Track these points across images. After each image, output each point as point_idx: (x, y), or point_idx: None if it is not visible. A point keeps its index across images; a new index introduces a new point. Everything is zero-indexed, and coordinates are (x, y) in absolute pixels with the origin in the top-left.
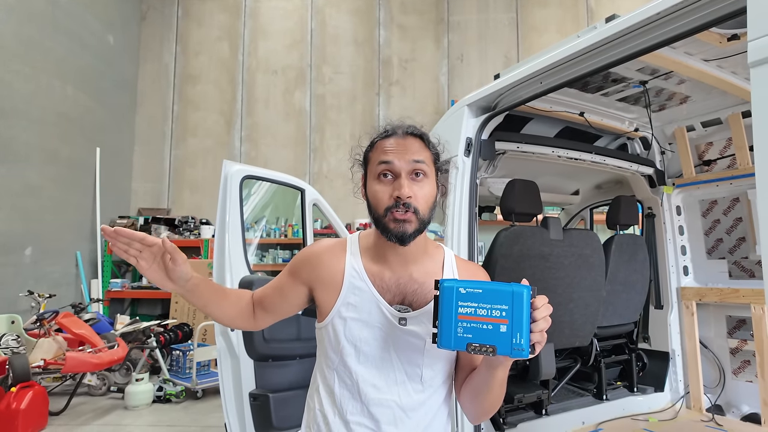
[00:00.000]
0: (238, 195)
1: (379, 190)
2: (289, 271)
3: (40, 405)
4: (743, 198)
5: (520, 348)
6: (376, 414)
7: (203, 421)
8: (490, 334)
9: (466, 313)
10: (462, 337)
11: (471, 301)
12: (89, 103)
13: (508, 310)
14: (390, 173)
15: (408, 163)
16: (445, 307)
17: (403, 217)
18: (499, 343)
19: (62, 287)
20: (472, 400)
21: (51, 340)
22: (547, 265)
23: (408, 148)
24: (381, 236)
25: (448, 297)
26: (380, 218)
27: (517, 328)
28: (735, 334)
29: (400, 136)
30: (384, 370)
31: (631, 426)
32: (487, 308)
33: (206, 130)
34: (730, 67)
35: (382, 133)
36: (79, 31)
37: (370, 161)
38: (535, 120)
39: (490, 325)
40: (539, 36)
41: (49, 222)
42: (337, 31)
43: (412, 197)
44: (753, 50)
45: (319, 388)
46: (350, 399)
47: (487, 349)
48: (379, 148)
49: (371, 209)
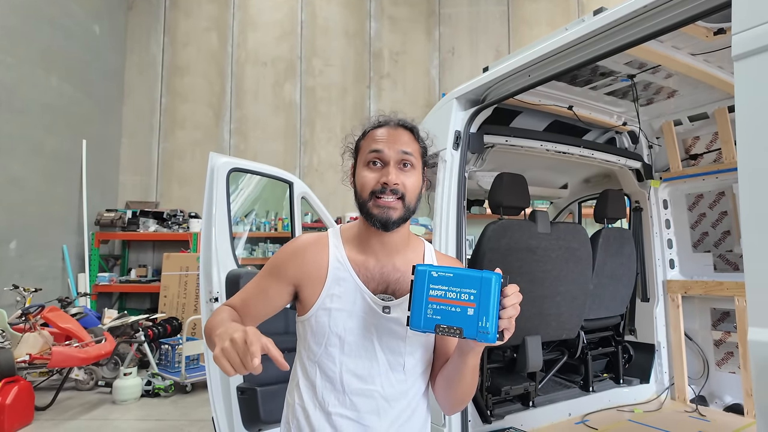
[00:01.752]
0: (225, 188)
1: (367, 175)
2: (270, 272)
3: (26, 400)
4: (728, 192)
5: (486, 331)
6: (358, 404)
7: (192, 414)
8: (457, 316)
9: (437, 295)
10: (431, 318)
11: (442, 284)
12: (75, 94)
13: (476, 295)
14: (379, 161)
15: (397, 152)
16: (417, 289)
17: (389, 203)
18: (466, 326)
19: (48, 281)
20: (446, 388)
21: (36, 334)
22: (535, 258)
23: (398, 138)
24: (366, 224)
25: (420, 279)
26: (365, 203)
27: (483, 312)
28: (719, 326)
29: (391, 127)
30: (368, 360)
31: (617, 417)
32: (457, 292)
33: (195, 122)
34: (716, 61)
35: (374, 124)
36: (64, 20)
37: (360, 149)
38: (524, 113)
39: (458, 308)
40: (530, 29)
41: (34, 215)
42: (327, 23)
43: (399, 184)
44: (737, 43)
45: (299, 383)
46: (332, 390)
47: (454, 330)
48: (371, 137)
49: (357, 194)
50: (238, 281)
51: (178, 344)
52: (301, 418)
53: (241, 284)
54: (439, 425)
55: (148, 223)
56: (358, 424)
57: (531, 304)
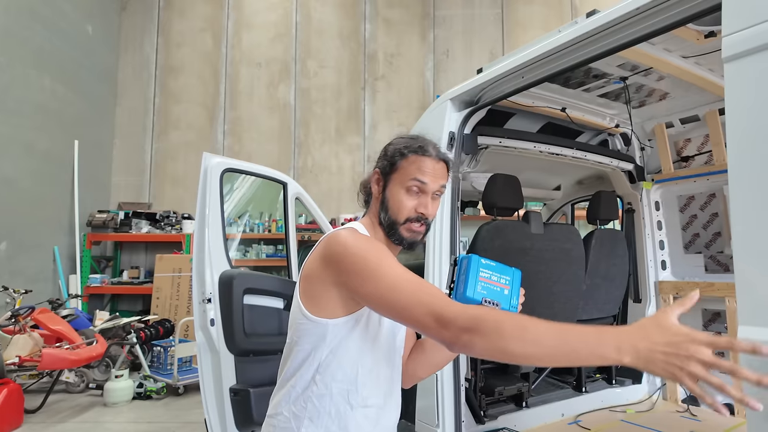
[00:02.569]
0: (219, 188)
1: (405, 200)
2: (387, 251)
3: (15, 403)
4: (719, 194)
5: (515, 307)
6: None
7: (184, 417)
8: (497, 293)
9: (485, 276)
10: (479, 291)
11: (488, 270)
12: (67, 94)
13: (509, 281)
14: (419, 189)
15: (437, 187)
16: (472, 270)
17: (419, 230)
18: (502, 301)
19: (39, 283)
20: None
21: (26, 336)
22: (528, 259)
23: (438, 173)
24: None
25: (474, 263)
26: (396, 224)
27: (515, 292)
28: (710, 326)
29: (435, 160)
30: (392, 352)
31: (609, 417)
32: (498, 276)
33: (188, 123)
34: (707, 64)
35: (418, 148)
36: (57, 20)
37: (400, 169)
38: (517, 115)
39: (497, 288)
40: (524, 32)
41: (25, 216)
42: (321, 24)
43: (431, 216)
44: (727, 46)
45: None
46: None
47: (494, 304)
48: (415, 164)
49: (389, 212)
50: (231, 282)
51: (171, 346)
52: (330, 424)
53: (234, 285)
54: (433, 426)
55: (140, 225)
56: (380, 410)
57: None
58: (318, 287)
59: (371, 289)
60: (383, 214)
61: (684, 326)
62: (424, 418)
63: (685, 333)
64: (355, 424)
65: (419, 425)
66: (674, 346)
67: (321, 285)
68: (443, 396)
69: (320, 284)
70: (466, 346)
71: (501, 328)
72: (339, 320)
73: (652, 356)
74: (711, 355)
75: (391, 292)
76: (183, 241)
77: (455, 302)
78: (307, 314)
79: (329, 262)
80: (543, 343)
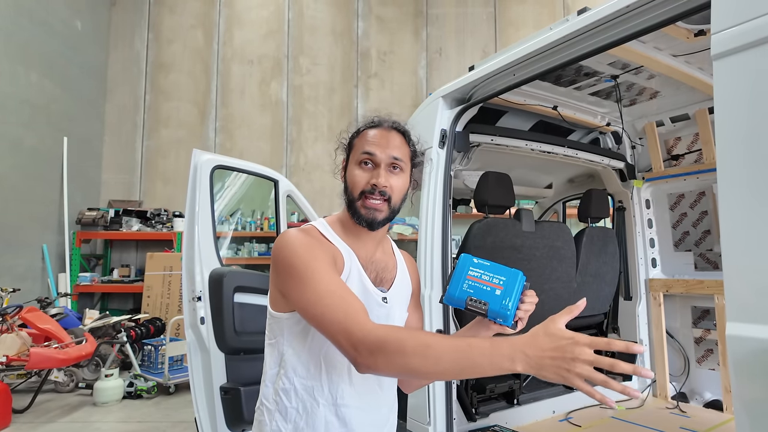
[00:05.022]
0: (209, 185)
1: (358, 174)
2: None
3: (3, 403)
4: (709, 192)
5: (507, 308)
6: (361, 392)
7: (175, 416)
8: (487, 294)
9: (474, 275)
10: (465, 291)
11: (480, 269)
12: (55, 90)
13: (504, 282)
14: (371, 162)
15: (388, 156)
16: (459, 269)
17: (376, 206)
18: (492, 302)
19: (27, 281)
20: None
21: (14, 335)
22: (519, 256)
23: (390, 142)
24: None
25: (464, 262)
26: (354, 201)
27: (508, 294)
28: (699, 324)
29: (385, 129)
30: None
31: (600, 414)
32: (490, 276)
33: (179, 120)
34: (697, 62)
35: (369, 123)
36: (44, 15)
37: (354, 147)
38: (509, 113)
39: (488, 287)
40: (516, 31)
41: (12, 213)
42: (314, 21)
43: (387, 187)
44: (716, 43)
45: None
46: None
47: (482, 304)
48: (364, 137)
49: (347, 191)
50: (221, 280)
51: (162, 345)
52: (299, 420)
53: (224, 282)
54: (424, 423)
55: (131, 223)
56: (360, 411)
57: None
58: (271, 283)
59: (297, 297)
60: (345, 196)
61: (568, 331)
62: (415, 416)
63: (568, 337)
64: (323, 422)
65: (411, 423)
66: (560, 350)
67: (272, 281)
68: (434, 394)
69: (272, 280)
70: (370, 367)
71: (403, 347)
72: (291, 315)
73: (541, 362)
74: (592, 354)
75: (313, 305)
76: (174, 240)
77: (367, 323)
78: (269, 309)
79: (272, 261)
80: (445, 358)
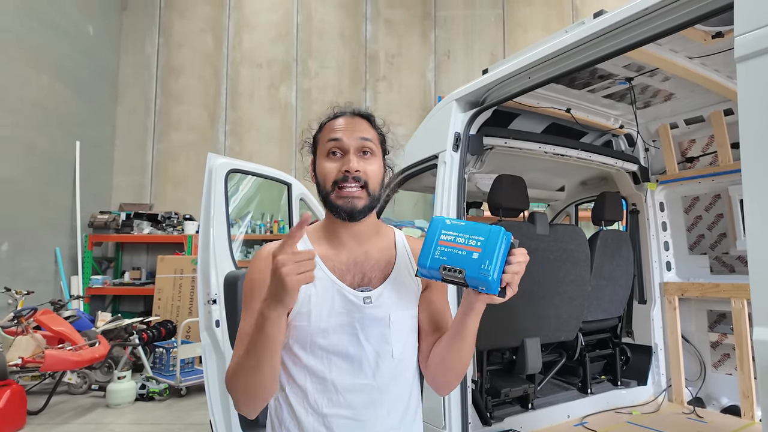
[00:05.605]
0: (223, 189)
1: (328, 166)
2: (256, 294)
3: (18, 404)
4: (724, 194)
5: (487, 273)
6: (352, 401)
7: (187, 418)
8: (462, 258)
9: (447, 239)
10: (438, 258)
11: (453, 231)
12: (67, 94)
13: (483, 242)
14: (339, 150)
15: (356, 140)
16: (430, 234)
17: (353, 193)
18: (469, 268)
19: (40, 284)
20: (443, 359)
21: (29, 337)
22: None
23: (356, 126)
24: (332, 218)
25: (434, 226)
26: (328, 194)
27: (487, 256)
28: (715, 328)
29: (348, 116)
30: (356, 355)
31: (615, 419)
32: (466, 237)
33: (189, 124)
34: (713, 64)
35: (330, 115)
36: (57, 19)
37: (319, 142)
38: (522, 116)
39: (464, 251)
40: (525, 33)
41: (26, 217)
42: (323, 25)
43: (361, 171)
44: (739, 45)
45: (286, 389)
46: (324, 392)
47: (457, 272)
48: (328, 128)
49: (320, 187)
50: (236, 283)
51: (173, 347)
52: (291, 426)
53: (239, 285)
54: (440, 427)
55: (142, 226)
56: (354, 421)
57: (530, 305)
58: None
59: None
60: (319, 195)
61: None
62: (430, 420)
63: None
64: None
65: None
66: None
67: None
68: (450, 397)
69: None
70: None
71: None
72: None
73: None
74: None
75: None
76: (184, 242)
77: None
78: None
79: None
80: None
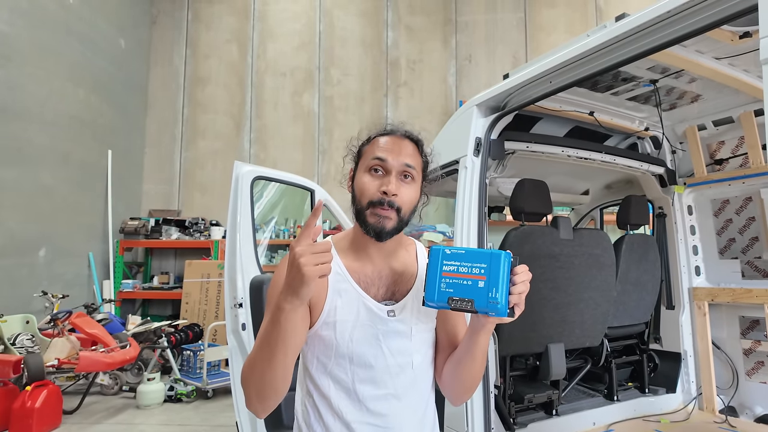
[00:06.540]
0: (249, 195)
1: (368, 182)
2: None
3: (54, 404)
4: (756, 197)
5: (496, 301)
6: (375, 409)
7: (213, 420)
8: (469, 289)
9: (450, 270)
10: (445, 291)
11: (454, 260)
12: (101, 106)
13: (486, 269)
14: (381, 169)
15: (400, 164)
16: (431, 267)
17: (385, 213)
18: (477, 297)
19: (75, 288)
20: (454, 375)
21: (65, 339)
22: (557, 264)
23: (402, 150)
24: (360, 231)
25: (434, 257)
26: (362, 210)
27: (493, 283)
28: (748, 334)
29: (397, 137)
30: (378, 366)
31: (643, 427)
32: (468, 266)
33: (215, 132)
34: (742, 65)
35: (381, 131)
36: (91, 35)
37: (364, 155)
38: (544, 120)
39: (469, 281)
40: (547, 36)
41: (62, 223)
42: (344, 32)
43: (397, 196)
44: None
45: (312, 395)
46: (348, 400)
47: (466, 302)
48: (375, 144)
49: (355, 200)
50: (261, 287)
51: (200, 350)
52: (319, 430)
53: (264, 289)
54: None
55: (170, 231)
56: (377, 427)
57: (554, 311)
58: None
59: None
60: (353, 206)
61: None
62: (453, 425)
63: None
64: None
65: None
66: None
67: None
68: (472, 403)
69: None
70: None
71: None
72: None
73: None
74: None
75: None
76: (211, 247)
77: None
78: None
79: None
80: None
